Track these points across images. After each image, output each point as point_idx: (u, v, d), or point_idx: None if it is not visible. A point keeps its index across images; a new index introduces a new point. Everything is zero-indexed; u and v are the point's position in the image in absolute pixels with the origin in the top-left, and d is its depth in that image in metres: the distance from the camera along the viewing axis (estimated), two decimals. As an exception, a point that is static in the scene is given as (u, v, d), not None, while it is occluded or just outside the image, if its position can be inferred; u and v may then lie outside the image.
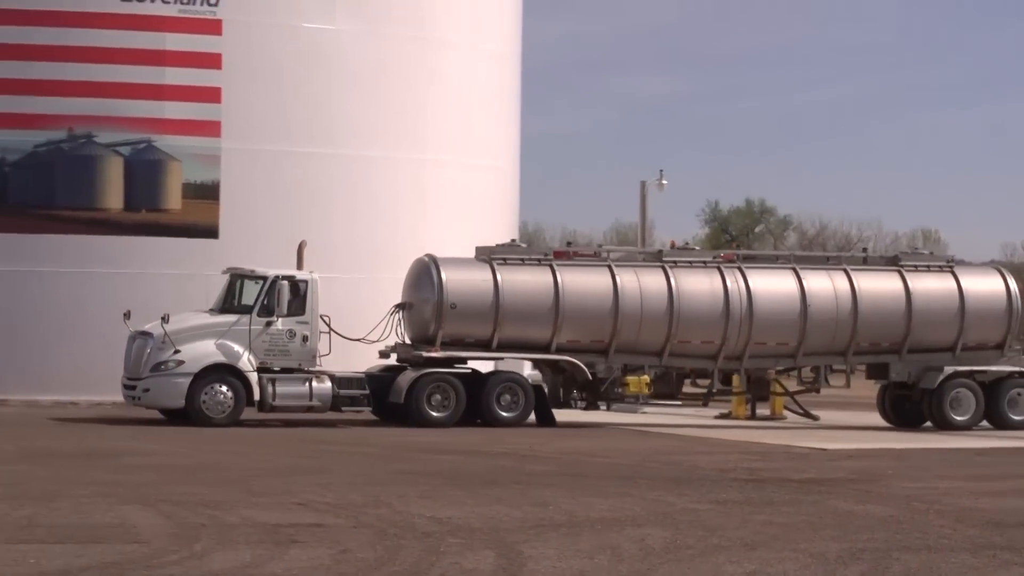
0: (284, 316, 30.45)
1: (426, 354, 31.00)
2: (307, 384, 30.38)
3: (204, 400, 29.95)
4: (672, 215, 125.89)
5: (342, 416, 31.33)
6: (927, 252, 36.84)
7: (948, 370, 32.78)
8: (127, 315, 30.62)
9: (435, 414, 30.79)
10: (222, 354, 30.07)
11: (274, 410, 30.46)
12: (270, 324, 30.40)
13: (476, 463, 23.43)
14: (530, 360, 32.82)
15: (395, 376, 31.25)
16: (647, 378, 34.95)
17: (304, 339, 30.58)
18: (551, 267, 31.83)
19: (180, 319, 30.42)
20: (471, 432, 29.53)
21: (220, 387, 29.98)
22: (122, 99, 35.84)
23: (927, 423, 33.19)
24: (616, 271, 32.05)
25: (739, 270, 32.84)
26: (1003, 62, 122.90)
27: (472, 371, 31.40)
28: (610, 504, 18.36)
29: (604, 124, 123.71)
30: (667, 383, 37.48)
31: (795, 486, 20.79)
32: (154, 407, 30.68)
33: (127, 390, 30.66)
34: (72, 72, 35.79)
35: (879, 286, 33.19)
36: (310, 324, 30.66)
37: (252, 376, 30.15)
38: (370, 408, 31.28)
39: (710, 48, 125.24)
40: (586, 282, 31.85)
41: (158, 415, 30.85)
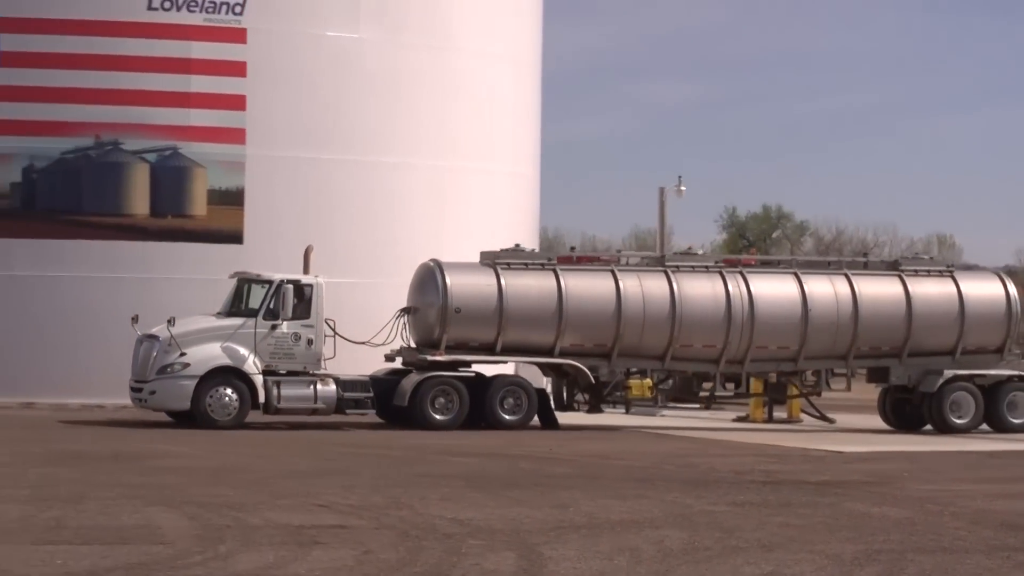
0: (289, 320, 30.62)
1: (430, 358, 31.19)
2: (311, 387, 30.53)
3: (209, 402, 30.13)
4: (690, 221, 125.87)
5: (346, 419, 31.48)
6: (927, 257, 36.92)
7: (948, 374, 32.85)
8: (135, 319, 30.85)
9: (438, 417, 30.93)
10: (227, 357, 30.25)
11: (279, 412, 30.62)
12: (275, 327, 30.58)
13: (496, 466, 23.51)
14: (534, 364, 32.86)
15: (400, 379, 31.41)
16: (649, 382, 35.21)
17: (309, 342, 30.74)
18: (554, 271, 31.95)
19: (186, 322, 30.64)
20: (490, 435, 29.63)
21: (225, 389, 30.18)
22: (148, 107, 36.12)
23: (927, 426, 33.24)
24: (619, 276, 32.14)
25: (741, 275, 32.89)
26: (1022, 67, 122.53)
27: (476, 374, 31.54)
28: (628, 506, 18.43)
29: (624, 130, 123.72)
30: (687, 387, 37.79)
31: (811, 488, 20.84)
32: (160, 409, 30.91)
33: (134, 392, 30.88)
34: (99, 80, 36.04)
35: (880, 291, 33.23)
36: (315, 328, 30.82)
37: (257, 379, 30.34)
38: (374, 411, 31.44)
39: (728, 54, 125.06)
40: (589, 286, 31.92)
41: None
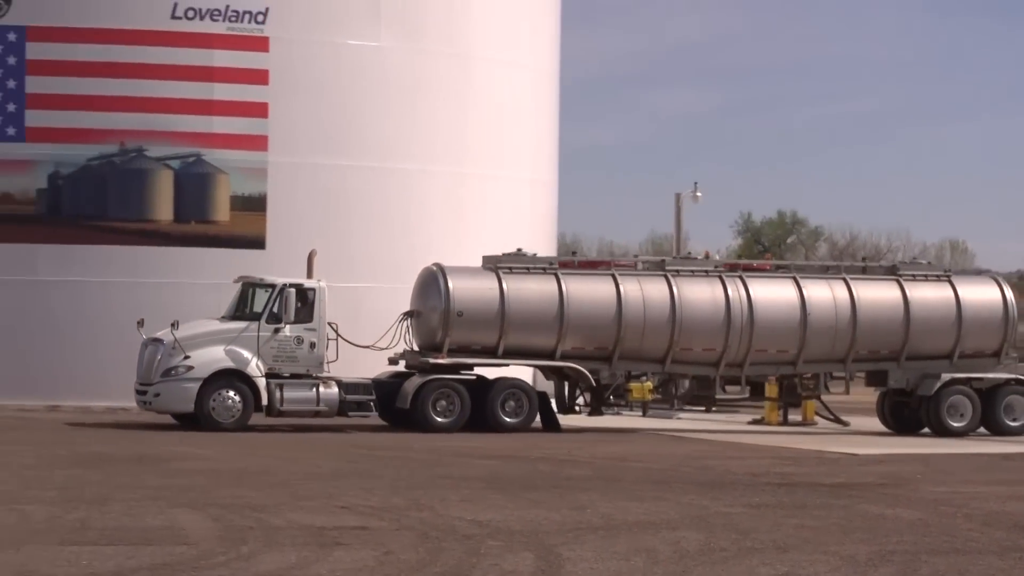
0: (292, 323, 30.82)
1: (432, 360, 31.41)
2: (314, 389, 30.75)
3: (213, 405, 30.36)
4: (706, 226, 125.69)
5: (349, 421, 31.65)
6: (925, 262, 37.09)
7: (945, 377, 32.94)
8: (141, 323, 31.11)
9: (440, 419, 31.09)
10: (231, 360, 30.47)
11: (282, 415, 30.84)
12: (278, 331, 30.78)
13: (515, 468, 23.65)
14: (536, 367, 33.08)
15: (402, 382, 31.61)
16: (650, 384, 35.47)
17: (311, 345, 30.95)
18: (556, 276, 32.12)
19: (190, 326, 30.88)
20: (508, 438, 29.77)
21: (228, 392, 30.40)
22: (172, 114, 36.36)
23: (925, 429, 33.34)
24: (619, 280, 32.30)
25: (740, 279, 33.03)
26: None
27: (477, 377, 31.72)
28: (645, 507, 18.57)
29: (641, 137, 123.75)
30: (706, 390, 38.07)
31: (826, 490, 20.97)
32: (164, 411, 31.16)
33: (139, 395, 31.12)
34: (124, 88, 36.26)
35: (878, 295, 33.34)
36: (317, 331, 31.01)
37: (260, 381, 30.55)
38: (376, 413, 31.65)
39: (744, 62, 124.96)
40: (590, 290, 32.08)
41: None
